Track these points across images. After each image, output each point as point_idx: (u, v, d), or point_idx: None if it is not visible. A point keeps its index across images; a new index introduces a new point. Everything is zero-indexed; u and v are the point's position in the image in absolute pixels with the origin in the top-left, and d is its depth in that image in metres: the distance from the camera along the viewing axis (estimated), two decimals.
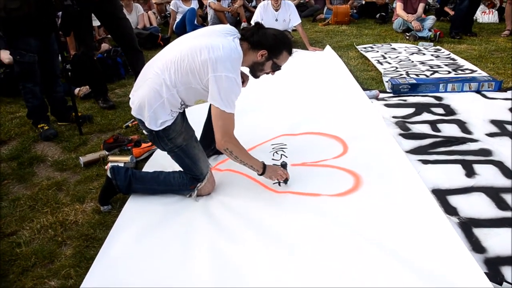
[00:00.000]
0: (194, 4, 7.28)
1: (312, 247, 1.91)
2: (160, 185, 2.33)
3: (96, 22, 4.21)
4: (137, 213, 2.22)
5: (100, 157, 2.83)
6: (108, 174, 2.29)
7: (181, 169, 2.33)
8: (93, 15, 3.70)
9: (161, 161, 2.71)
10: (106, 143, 2.98)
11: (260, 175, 2.30)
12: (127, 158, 2.72)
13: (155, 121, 2.11)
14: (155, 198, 2.34)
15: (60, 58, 3.43)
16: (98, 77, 3.91)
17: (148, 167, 2.69)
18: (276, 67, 2.25)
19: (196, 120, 2.52)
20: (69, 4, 3.12)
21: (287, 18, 5.82)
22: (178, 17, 7.12)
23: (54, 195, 2.47)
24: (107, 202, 2.31)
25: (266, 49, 2.15)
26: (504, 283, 1.65)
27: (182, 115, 2.25)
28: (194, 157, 2.25)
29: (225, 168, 2.65)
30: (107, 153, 2.88)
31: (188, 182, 2.29)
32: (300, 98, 3.84)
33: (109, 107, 3.84)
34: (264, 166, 2.28)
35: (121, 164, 2.62)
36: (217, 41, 2.05)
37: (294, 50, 2.36)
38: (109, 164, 2.63)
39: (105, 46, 5.33)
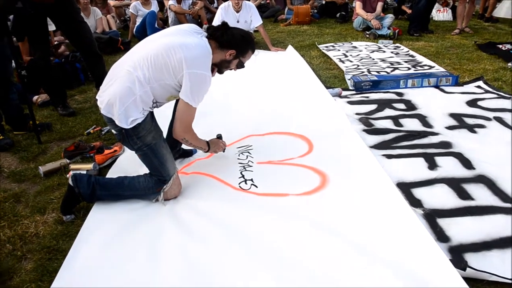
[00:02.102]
0: (154, 7, 7.17)
1: (281, 246, 1.91)
2: (125, 191, 2.28)
3: (52, 27, 4.07)
4: (102, 221, 2.15)
5: (61, 166, 2.73)
6: (70, 182, 2.22)
7: (147, 172, 2.29)
8: (49, 19, 3.57)
9: (125, 167, 2.65)
10: (66, 151, 2.88)
11: (207, 151, 2.51)
12: (89, 166, 2.64)
13: (126, 119, 2.09)
14: (121, 204, 2.28)
15: (14, 64, 3.30)
16: (56, 83, 3.77)
17: (112, 174, 2.62)
18: (240, 65, 2.40)
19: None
20: (21, 7, 2.98)
21: (249, 19, 5.82)
22: (138, 20, 6.99)
23: (12, 207, 2.36)
24: (69, 212, 2.23)
25: (235, 49, 2.28)
26: (468, 269, 1.70)
27: (151, 114, 2.25)
28: (162, 157, 2.23)
29: (191, 171, 2.62)
30: (68, 161, 2.78)
31: (154, 185, 2.25)
32: (264, 98, 3.84)
33: (69, 114, 3.72)
34: (208, 144, 2.50)
35: (84, 172, 2.54)
36: (190, 40, 2.15)
37: (256, 50, 2.43)
38: (71, 173, 2.54)
39: (62, 51, 5.17)
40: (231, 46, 2.27)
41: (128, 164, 2.68)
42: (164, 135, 2.36)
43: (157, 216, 2.19)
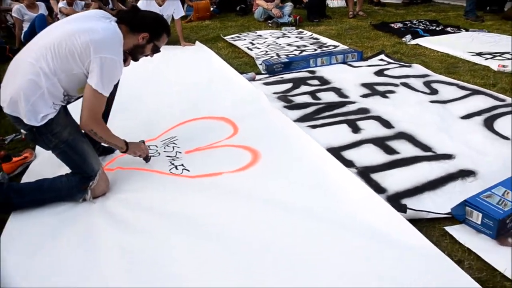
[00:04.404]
0: (43, 10, 6.62)
1: (225, 224, 1.85)
2: (46, 194, 2.04)
3: None
4: (23, 231, 1.89)
5: None
6: None
7: (68, 172, 2.08)
8: None
9: (40, 172, 2.35)
10: None
11: (124, 152, 2.25)
12: None
13: (35, 116, 1.89)
14: (43, 209, 2.02)
15: None
16: None
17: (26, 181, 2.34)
18: (156, 49, 2.24)
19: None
20: None
21: (171, 13, 5.53)
22: (25, 26, 6.41)
23: None
24: None
25: (148, 32, 2.12)
26: (408, 210, 1.80)
27: (65, 108, 2.06)
28: (83, 153, 2.04)
29: (116, 167, 2.43)
30: None
31: (78, 183, 2.04)
32: (181, 89, 3.70)
33: None
34: (127, 144, 2.24)
35: None
36: (95, 24, 1.98)
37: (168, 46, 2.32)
38: None
39: None
40: (144, 29, 2.11)
41: (44, 169, 2.37)
42: None
43: (88, 215, 1.98)
